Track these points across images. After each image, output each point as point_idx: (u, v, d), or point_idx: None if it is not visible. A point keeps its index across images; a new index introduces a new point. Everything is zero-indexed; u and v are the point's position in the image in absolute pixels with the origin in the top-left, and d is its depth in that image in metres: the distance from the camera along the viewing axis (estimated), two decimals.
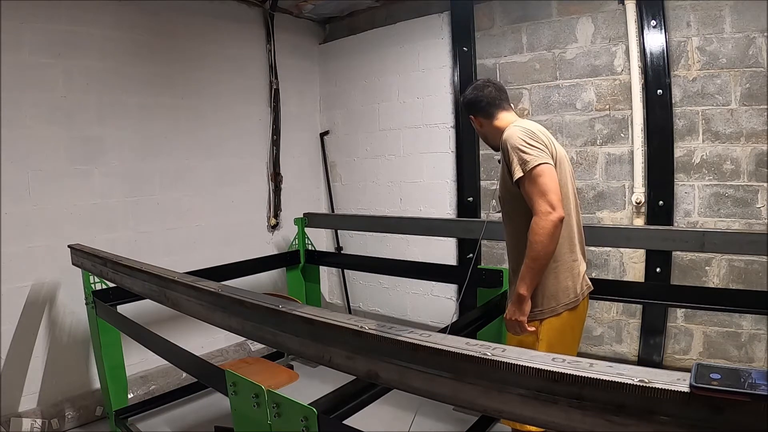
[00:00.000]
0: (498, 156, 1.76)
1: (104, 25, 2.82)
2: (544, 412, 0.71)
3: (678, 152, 2.65)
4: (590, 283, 1.77)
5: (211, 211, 3.38)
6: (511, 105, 1.84)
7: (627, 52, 2.73)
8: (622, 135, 2.82)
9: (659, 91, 2.65)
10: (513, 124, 1.66)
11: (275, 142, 3.75)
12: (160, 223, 3.11)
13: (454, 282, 3.34)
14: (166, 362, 2.15)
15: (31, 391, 2.58)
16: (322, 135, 4.13)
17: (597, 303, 2.93)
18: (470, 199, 3.35)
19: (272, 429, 1.26)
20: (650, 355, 2.77)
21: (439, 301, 3.56)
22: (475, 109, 1.82)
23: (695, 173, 2.63)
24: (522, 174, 1.55)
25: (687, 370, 0.63)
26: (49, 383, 2.63)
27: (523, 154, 1.56)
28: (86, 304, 2.37)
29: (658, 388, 0.62)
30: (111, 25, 2.84)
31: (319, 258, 3.53)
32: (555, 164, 1.61)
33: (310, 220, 3.47)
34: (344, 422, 1.22)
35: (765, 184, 2.46)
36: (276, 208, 3.76)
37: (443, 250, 3.46)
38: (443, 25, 3.37)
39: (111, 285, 2.27)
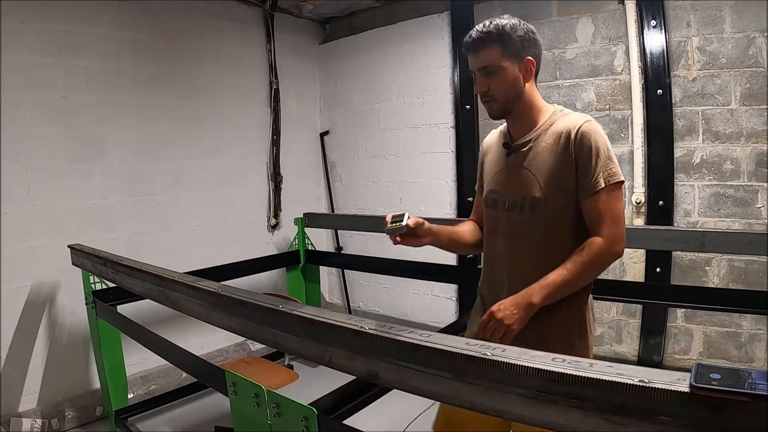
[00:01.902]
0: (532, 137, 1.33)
1: (104, 25, 2.81)
2: (544, 412, 0.71)
3: (678, 152, 2.65)
4: None
5: (211, 211, 3.38)
6: None
7: (627, 52, 2.73)
8: (622, 135, 2.82)
9: (659, 91, 2.64)
10: (589, 119, 1.32)
11: (275, 142, 3.75)
12: (160, 223, 3.11)
13: (454, 282, 3.34)
14: (166, 362, 2.15)
15: (31, 391, 2.58)
16: (322, 135, 4.13)
17: (597, 303, 2.91)
18: (470, 199, 3.34)
19: (272, 429, 1.26)
20: (650, 355, 2.77)
21: (439, 301, 3.56)
22: (533, 51, 1.33)
23: (695, 173, 2.63)
24: (604, 186, 1.25)
25: (687, 370, 0.63)
26: (49, 383, 2.63)
27: (611, 164, 1.27)
28: (86, 304, 2.37)
29: (658, 388, 0.62)
30: (111, 25, 2.84)
31: (319, 258, 3.53)
32: None
33: (310, 220, 3.47)
34: (344, 422, 1.22)
35: (765, 184, 2.46)
36: (276, 208, 3.76)
37: (443, 250, 3.45)
38: (443, 25, 3.37)
39: (111, 285, 2.27)
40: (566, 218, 1.31)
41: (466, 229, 1.60)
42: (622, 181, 1.28)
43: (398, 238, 1.28)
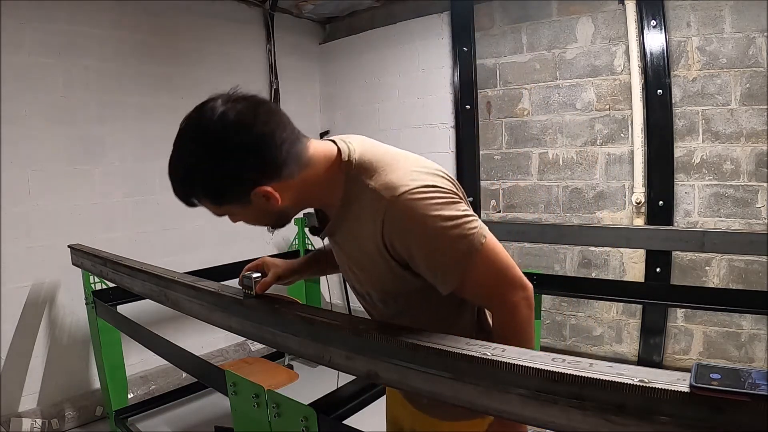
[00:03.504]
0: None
1: (104, 25, 2.81)
2: (544, 412, 0.71)
3: (678, 152, 2.65)
4: None
5: None
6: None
7: (627, 52, 2.73)
8: (622, 135, 2.82)
9: (659, 91, 2.65)
10: (395, 198, 0.85)
11: None
12: (160, 223, 3.11)
13: None
14: (166, 362, 2.15)
15: (31, 391, 2.58)
16: (322, 135, 4.13)
17: (597, 303, 2.93)
18: (470, 199, 3.34)
19: (272, 429, 1.26)
20: (650, 355, 2.77)
21: None
22: (260, 168, 0.86)
23: (695, 173, 2.63)
24: (460, 280, 0.88)
25: (687, 370, 0.63)
26: (49, 383, 2.63)
27: (456, 241, 0.86)
28: (86, 304, 2.37)
29: (658, 388, 0.62)
30: (111, 25, 2.84)
31: None
32: (463, 196, 0.96)
33: (310, 220, 3.47)
34: (344, 422, 1.22)
35: (765, 184, 2.46)
36: None
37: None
38: (443, 25, 3.37)
39: (111, 285, 2.27)
40: (434, 302, 0.95)
41: None
42: (483, 237, 0.87)
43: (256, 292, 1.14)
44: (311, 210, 1.06)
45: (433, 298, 0.94)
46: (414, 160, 0.94)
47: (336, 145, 0.96)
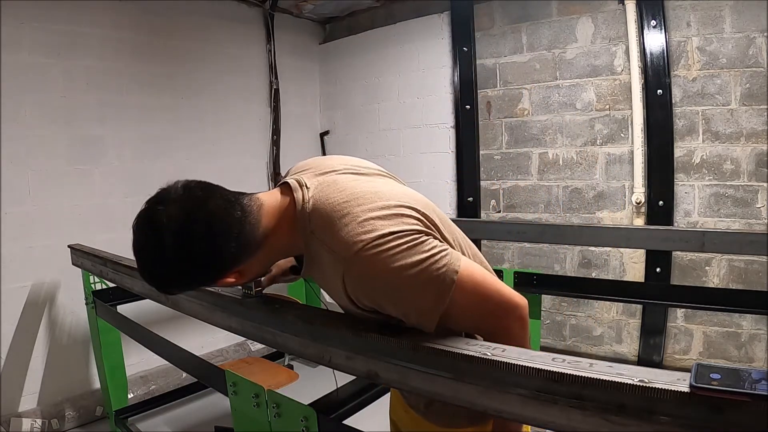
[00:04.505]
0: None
1: (104, 25, 2.81)
2: (544, 412, 0.71)
3: (678, 152, 2.65)
4: None
5: None
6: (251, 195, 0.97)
7: (627, 52, 2.73)
8: (622, 135, 2.82)
9: (659, 91, 2.65)
10: (348, 261, 0.82)
11: (275, 142, 3.75)
12: None
13: None
14: (166, 362, 2.15)
15: (31, 391, 2.58)
16: (322, 135, 4.13)
17: (597, 303, 2.93)
18: (470, 199, 3.35)
19: (272, 429, 1.26)
20: (650, 355, 2.77)
21: None
22: (220, 264, 0.89)
23: (695, 173, 2.63)
24: (437, 317, 0.84)
25: (687, 370, 0.63)
26: (49, 383, 2.63)
27: (422, 289, 0.82)
28: (86, 304, 2.37)
29: (658, 388, 0.62)
30: (111, 25, 2.84)
31: None
32: (433, 226, 0.89)
33: None
34: (344, 422, 1.22)
35: (765, 184, 2.46)
36: None
37: None
38: (443, 25, 3.38)
39: (111, 285, 2.27)
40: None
41: None
42: (456, 269, 0.82)
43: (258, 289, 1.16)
44: None
45: None
46: (371, 197, 0.86)
47: (291, 192, 0.92)
